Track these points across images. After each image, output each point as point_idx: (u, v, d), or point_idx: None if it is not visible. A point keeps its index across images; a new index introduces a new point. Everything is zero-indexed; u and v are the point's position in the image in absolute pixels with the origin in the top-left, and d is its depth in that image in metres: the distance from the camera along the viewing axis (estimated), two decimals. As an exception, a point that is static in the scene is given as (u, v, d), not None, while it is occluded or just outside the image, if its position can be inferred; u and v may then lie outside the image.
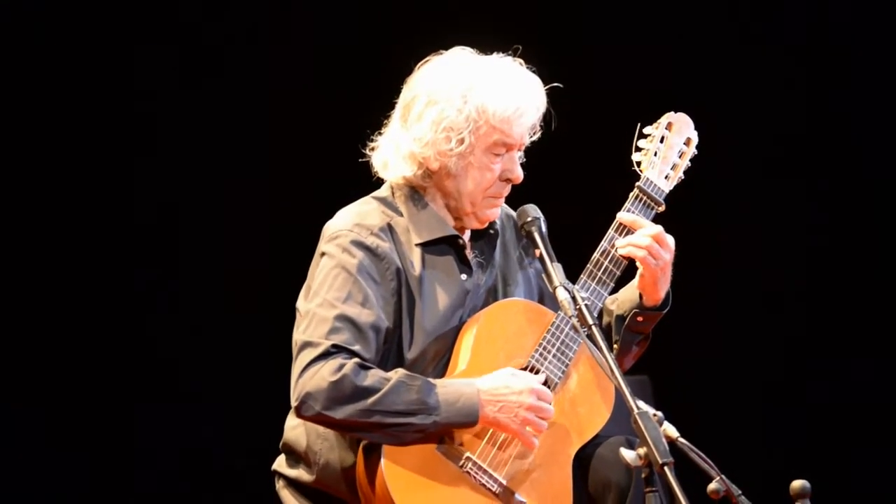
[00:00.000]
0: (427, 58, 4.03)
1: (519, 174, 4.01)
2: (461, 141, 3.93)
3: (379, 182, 4.11)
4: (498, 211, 4.05)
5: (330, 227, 4.00)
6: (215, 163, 5.99)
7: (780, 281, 6.43)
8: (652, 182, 4.12)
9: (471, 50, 4.03)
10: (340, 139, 4.23)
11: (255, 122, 6.00)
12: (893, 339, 6.37)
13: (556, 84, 4.05)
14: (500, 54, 4.02)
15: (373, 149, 4.07)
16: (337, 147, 4.23)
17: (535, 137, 4.05)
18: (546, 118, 4.04)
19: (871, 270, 6.39)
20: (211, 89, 5.99)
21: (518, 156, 4.02)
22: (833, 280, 6.42)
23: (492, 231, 4.10)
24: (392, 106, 4.06)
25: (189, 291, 6.00)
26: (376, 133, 4.07)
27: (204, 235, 5.99)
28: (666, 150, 4.18)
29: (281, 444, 4.05)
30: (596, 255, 4.05)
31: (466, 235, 4.07)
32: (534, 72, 4.02)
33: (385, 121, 4.07)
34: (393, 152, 4.01)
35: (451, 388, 3.82)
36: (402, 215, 4.01)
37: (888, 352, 6.38)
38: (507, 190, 4.03)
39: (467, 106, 3.92)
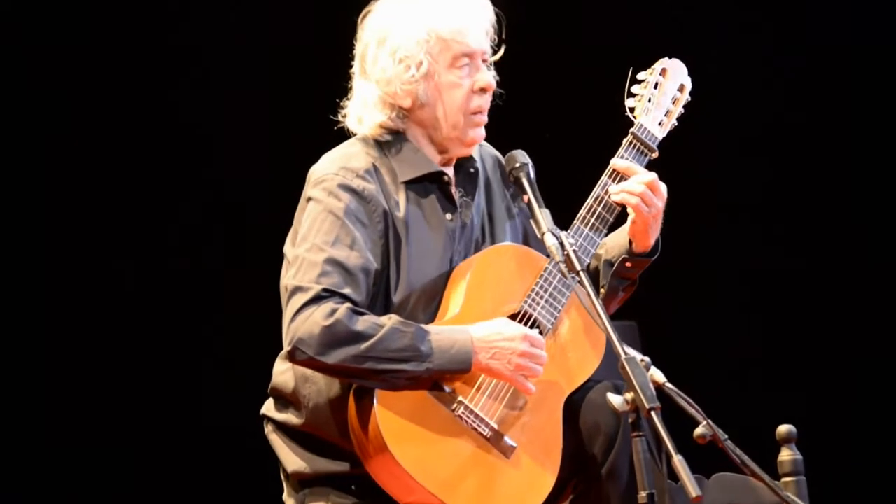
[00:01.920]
0: (365, 9, 4.04)
1: (490, 81, 4.00)
2: (419, 64, 3.94)
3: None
4: (482, 131, 4.04)
5: (315, 171, 4.00)
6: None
7: (773, 229, 6.45)
8: (646, 128, 4.12)
9: None
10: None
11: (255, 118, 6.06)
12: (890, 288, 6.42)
13: None
14: None
15: (345, 115, 4.08)
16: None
17: (499, 55, 4.04)
18: (500, 29, 4.04)
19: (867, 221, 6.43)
20: (209, 88, 6.03)
21: (489, 70, 4.01)
22: (827, 228, 6.46)
23: (472, 169, 4.10)
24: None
25: (181, 236, 6.04)
26: (344, 100, 4.08)
27: (202, 178, 6.03)
28: (659, 96, 4.18)
29: (269, 388, 4.05)
30: (589, 201, 4.05)
31: (450, 172, 4.07)
32: None
33: (349, 87, 4.08)
34: (362, 106, 4.02)
35: (445, 335, 3.83)
36: (386, 156, 4.02)
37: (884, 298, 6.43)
38: (486, 102, 4.02)
39: (415, 30, 3.94)
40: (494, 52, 4.06)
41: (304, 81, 5.87)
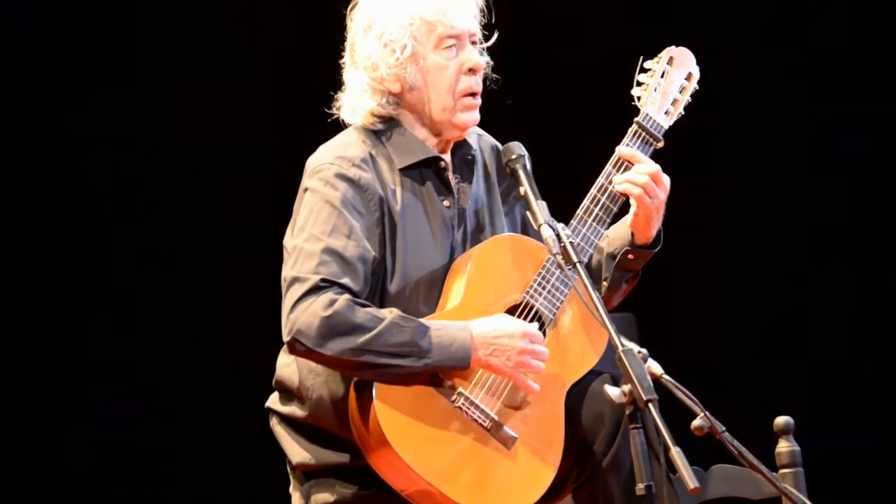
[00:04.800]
0: (353, 1, 4.06)
1: (478, 60, 3.99)
2: (404, 48, 3.94)
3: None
4: (476, 114, 4.03)
5: (312, 161, 4.00)
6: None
7: (771, 218, 6.44)
8: (651, 118, 4.10)
9: None
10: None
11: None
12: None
13: None
14: None
15: (339, 108, 4.08)
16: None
17: (492, 39, 4.03)
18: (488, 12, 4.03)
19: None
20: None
21: (481, 54, 4.00)
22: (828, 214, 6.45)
23: (469, 156, 4.09)
24: None
25: (185, 230, 6.08)
26: (337, 93, 4.08)
27: (198, 170, 6.07)
28: (667, 85, 4.15)
29: (274, 381, 4.05)
30: (593, 190, 4.03)
31: (447, 157, 4.06)
32: None
33: (341, 81, 4.08)
34: (353, 95, 4.03)
35: (445, 331, 3.81)
36: (382, 144, 4.01)
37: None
38: (476, 84, 4.00)
39: (399, 14, 3.94)
40: (487, 38, 4.05)
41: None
